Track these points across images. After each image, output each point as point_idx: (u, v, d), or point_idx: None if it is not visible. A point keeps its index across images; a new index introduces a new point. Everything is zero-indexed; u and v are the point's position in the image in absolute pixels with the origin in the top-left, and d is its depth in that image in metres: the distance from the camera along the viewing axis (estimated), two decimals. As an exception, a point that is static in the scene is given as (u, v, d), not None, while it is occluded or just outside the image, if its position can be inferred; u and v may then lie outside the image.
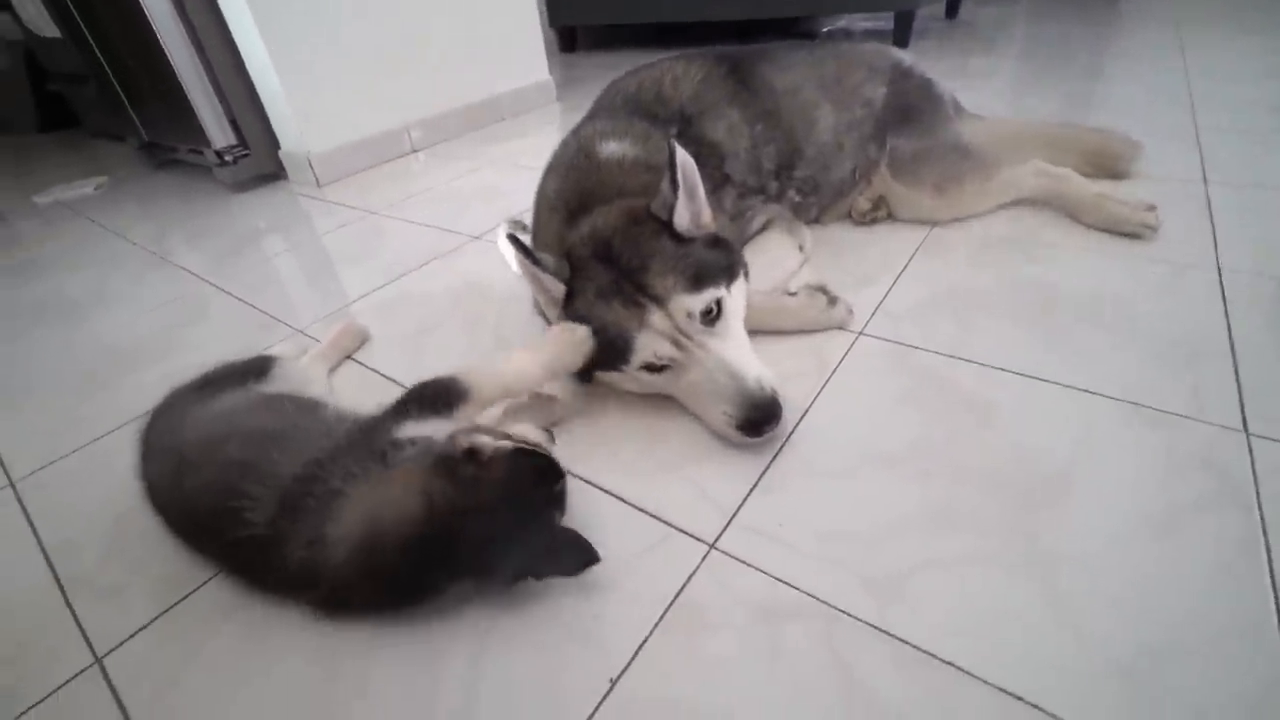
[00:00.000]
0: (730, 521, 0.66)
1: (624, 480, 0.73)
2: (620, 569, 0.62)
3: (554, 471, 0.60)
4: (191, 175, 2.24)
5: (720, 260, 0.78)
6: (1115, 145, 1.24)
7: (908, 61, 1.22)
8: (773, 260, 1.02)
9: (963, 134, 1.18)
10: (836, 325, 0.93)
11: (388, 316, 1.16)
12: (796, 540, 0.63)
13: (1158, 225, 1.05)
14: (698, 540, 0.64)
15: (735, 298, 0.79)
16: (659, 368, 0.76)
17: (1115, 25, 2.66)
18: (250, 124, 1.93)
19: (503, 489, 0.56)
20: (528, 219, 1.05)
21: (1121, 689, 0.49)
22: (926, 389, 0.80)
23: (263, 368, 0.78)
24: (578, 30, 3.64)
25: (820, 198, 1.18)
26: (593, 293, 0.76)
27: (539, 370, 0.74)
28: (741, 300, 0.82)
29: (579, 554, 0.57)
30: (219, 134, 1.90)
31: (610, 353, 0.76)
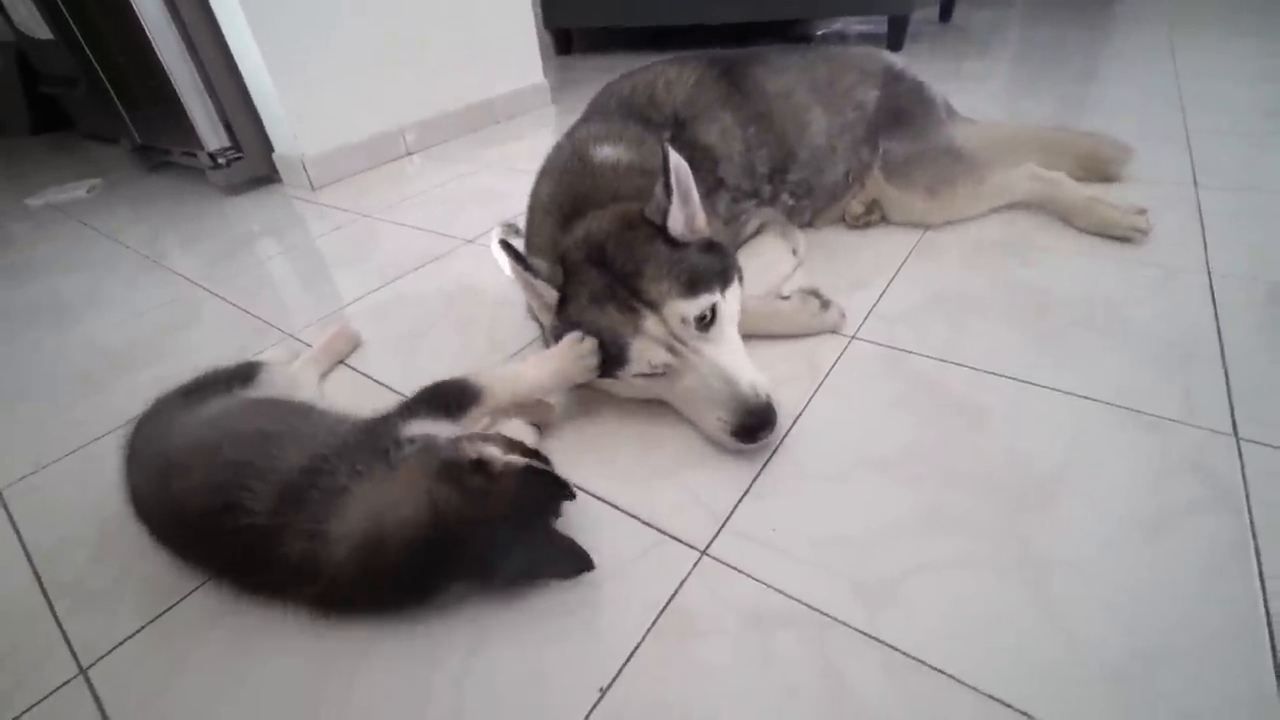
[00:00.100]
0: (722, 527, 0.66)
1: (615, 485, 0.73)
2: (611, 575, 0.62)
3: (563, 491, 0.60)
4: (185, 178, 2.23)
5: (715, 265, 0.78)
6: (1106, 149, 1.24)
7: (899, 65, 1.22)
8: (766, 264, 1.03)
9: (955, 137, 1.19)
10: (829, 329, 0.93)
11: (381, 320, 1.16)
12: (788, 546, 0.63)
13: (1149, 229, 1.05)
14: (689, 546, 0.64)
15: (730, 303, 0.79)
16: (653, 373, 0.76)
17: (1109, 28, 2.68)
18: (243, 126, 1.92)
19: (511, 504, 0.56)
20: (522, 222, 1.04)
21: (1112, 694, 0.49)
22: (919, 393, 0.80)
23: (249, 373, 0.78)
24: (573, 33, 3.64)
25: (813, 201, 1.18)
26: (586, 298, 0.76)
27: (549, 380, 0.75)
28: (736, 305, 0.81)
29: (574, 559, 0.59)
30: (212, 136, 1.89)
31: (605, 359, 0.76)
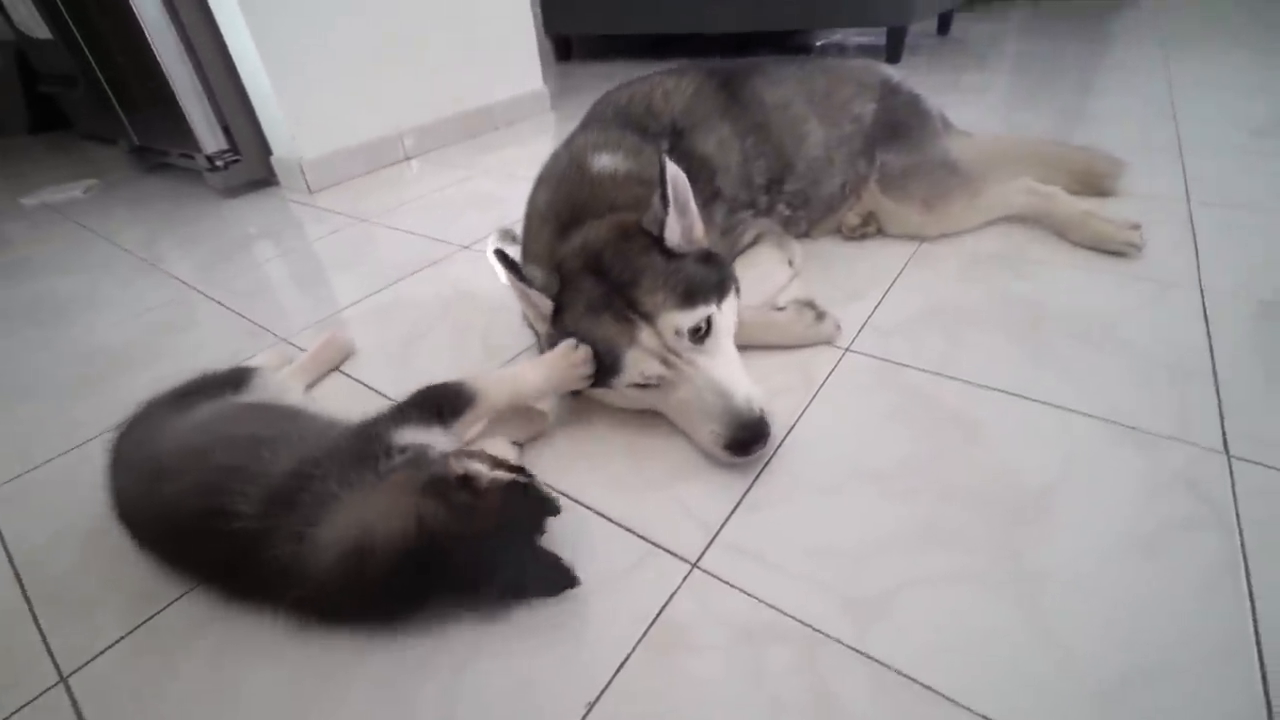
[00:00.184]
0: (713, 540, 0.65)
1: (607, 495, 0.72)
2: (601, 587, 0.61)
3: (548, 508, 0.59)
4: (182, 180, 2.23)
5: (711, 277, 0.77)
6: (1100, 164, 1.25)
7: (896, 78, 1.23)
8: (762, 275, 1.02)
9: (951, 150, 1.19)
10: (824, 341, 0.93)
11: (377, 325, 1.15)
12: (780, 559, 0.63)
13: (1142, 244, 1.06)
14: (680, 559, 0.64)
15: (726, 314, 0.79)
16: (647, 384, 0.75)
17: (1104, 43, 2.70)
18: (242, 129, 1.92)
19: (496, 521, 0.55)
20: (519, 229, 1.04)
21: (1102, 712, 0.48)
22: (914, 405, 0.80)
23: (240, 379, 0.77)
24: (573, 39, 3.66)
25: (810, 212, 1.19)
26: (582, 307, 0.76)
27: (543, 387, 0.75)
28: (733, 317, 0.81)
29: (559, 577, 0.58)
30: (210, 139, 1.89)
31: (599, 369, 0.75)
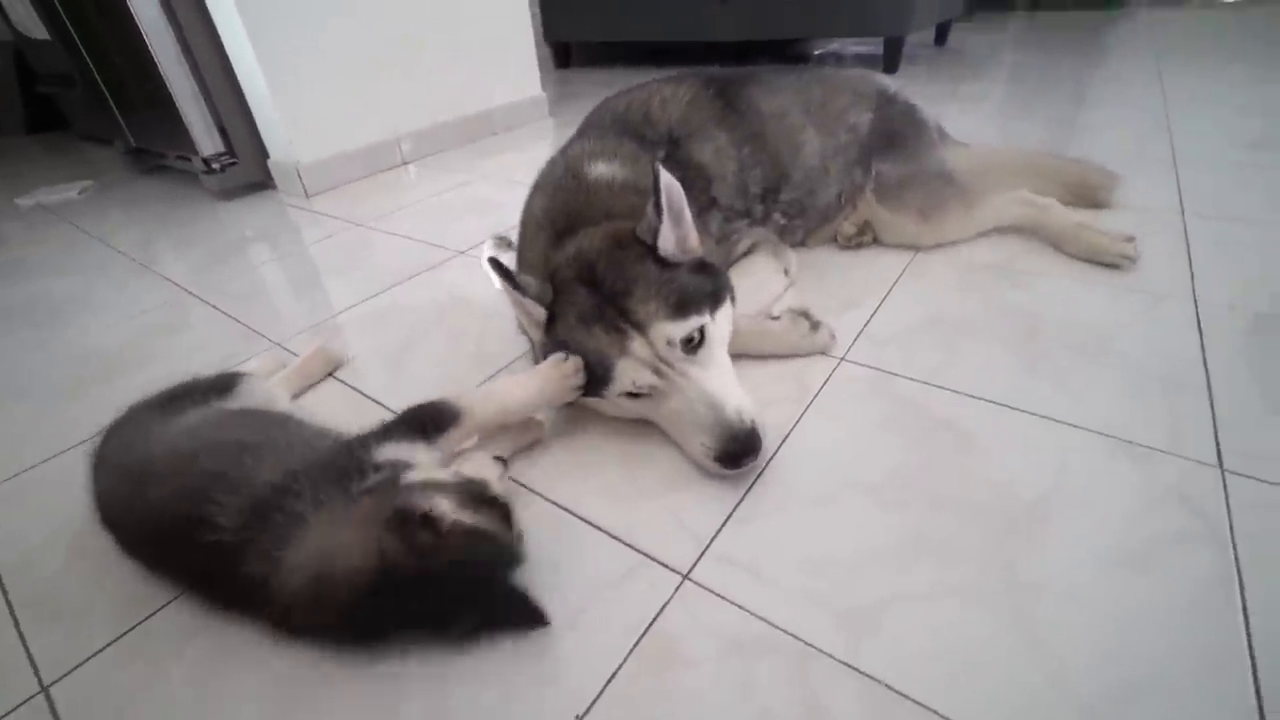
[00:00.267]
0: (705, 551, 0.65)
1: (599, 504, 0.72)
2: (589, 599, 0.61)
3: (509, 559, 0.58)
4: (178, 182, 2.22)
5: (704, 286, 0.77)
6: (1094, 176, 1.26)
7: (892, 88, 1.24)
8: (757, 284, 1.02)
9: (947, 160, 1.20)
10: (819, 350, 0.93)
11: (371, 330, 1.15)
12: (771, 571, 0.62)
13: (1137, 256, 1.06)
14: (671, 570, 0.63)
15: (720, 325, 0.78)
16: (639, 394, 0.75)
17: (1100, 55, 2.73)
18: (239, 132, 1.92)
19: (455, 565, 0.54)
20: (514, 235, 1.04)
21: (1095, 732, 0.48)
22: (908, 416, 0.80)
23: (228, 384, 0.76)
24: (572, 46, 3.68)
25: (806, 221, 1.19)
26: (574, 317, 0.75)
27: (531, 401, 0.74)
28: (727, 327, 0.81)
29: (527, 616, 0.57)
30: (207, 141, 1.88)
31: (590, 378, 0.75)
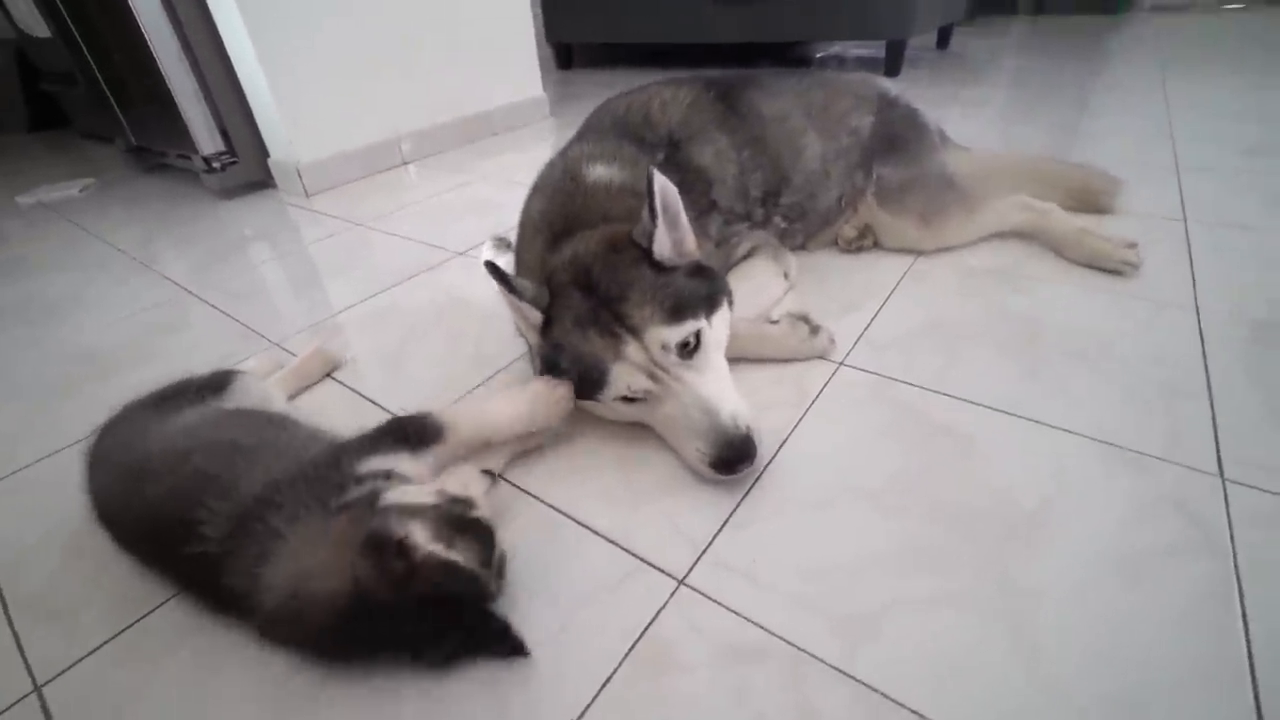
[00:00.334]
0: (701, 556, 0.65)
1: (596, 508, 0.71)
2: (587, 603, 0.61)
3: (481, 595, 0.56)
4: (179, 180, 2.22)
5: (700, 290, 0.77)
6: (1096, 181, 1.25)
7: (894, 91, 1.23)
8: (757, 287, 1.02)
9: (948, 165, 1.19)
10: (818, 355, 0.93)
11: (370, 330, 1.15)
12: (767, 577, 0.62)
13: (1139, 263, 1.05)
14: (667, 575, 0.63)
15: (716, 329, 0.78)
16: (634, 399, 0.75)
17: (1103, 61, 2.72)
18: (239, 131, 1.92)
19: (426, 597, 0.52)
20: (513, 237, 1.04)
21: (1092, 744, 0.48)
22: (907, 421, 0.80)
23: (223, 383, 0.76)
24: (574, 48, 3.68)
25: (806, 225, 1.18)
26: (570, 320, 0.75)
27: (518, 423, 0.74)
28: (724, 331, 0.80)
29: (505, 647, 0.55)
30: (207, 140, 1.88)
31: (585, 383, 0.75)
